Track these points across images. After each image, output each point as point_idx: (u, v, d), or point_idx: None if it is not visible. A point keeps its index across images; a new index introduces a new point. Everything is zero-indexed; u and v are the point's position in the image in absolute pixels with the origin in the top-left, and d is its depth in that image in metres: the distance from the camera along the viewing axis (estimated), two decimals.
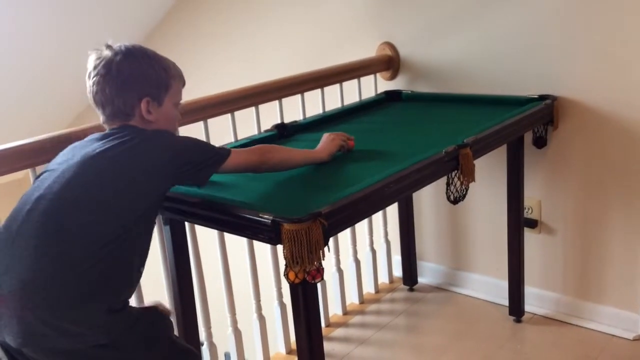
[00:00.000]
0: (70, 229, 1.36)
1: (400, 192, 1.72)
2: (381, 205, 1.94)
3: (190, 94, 2.19)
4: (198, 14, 3.58)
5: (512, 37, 2.40)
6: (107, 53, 1.49)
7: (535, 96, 2.31)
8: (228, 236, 2.13)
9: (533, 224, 2.52)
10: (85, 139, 1.53)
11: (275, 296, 2.42)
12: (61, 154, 1.52)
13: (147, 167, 1.45)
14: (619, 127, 2.23)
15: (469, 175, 1.86)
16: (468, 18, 2.51)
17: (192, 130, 2.15)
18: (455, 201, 1.90)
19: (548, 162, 2.44)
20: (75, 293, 1.33)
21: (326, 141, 1.87)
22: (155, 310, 1.57)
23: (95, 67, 1.49)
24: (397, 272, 2.97)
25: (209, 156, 1.55)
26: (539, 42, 2.34)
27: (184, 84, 1.62)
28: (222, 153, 1.58)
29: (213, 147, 1.61)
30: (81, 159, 1.43)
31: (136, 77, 1.50)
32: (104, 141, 1.47)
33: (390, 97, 2.67)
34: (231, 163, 1.58)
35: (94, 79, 1.49)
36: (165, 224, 1.88)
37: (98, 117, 1.56)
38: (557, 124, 2.33)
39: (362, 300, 2.82)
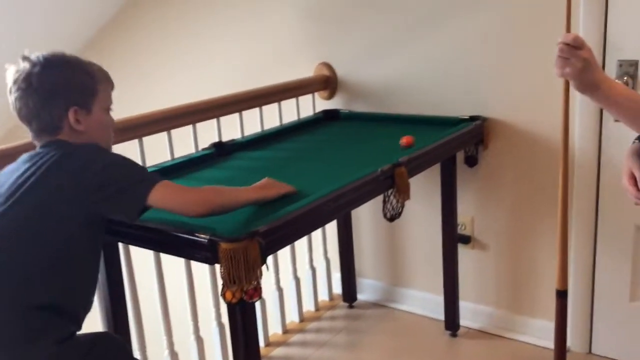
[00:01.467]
0: (7, 268, 1.33)
1: (338, 210, 1.74)
2: (319, 223, 1.96)
3: (125, 111, 2.16)
4: (135, 29, 3.53)
5: (444, 59, 2.49)
6: (24, 65, 1.42)
7: (466, 117, 2.40)
8: (164, 254, 2.09)
9: (466, 240, 2.60)
10: (13, 165, 1.47)
11: (214, 316, 2.39)
12: None
13: (66, 188, 1.37)
14: (545, 147, 2.33)
15: (404, 193, 1.91)
16: (403, 41, 2.58)
17: (128, 149, 2.11)
18: (391, 219, 1.94)
19: (480, 180, 2.52)
20: (20, 333, 1.29)
21: (261, 183, 1.65)
22: (108, 335, 1.52)
23: (15, 82, 1.42)
24: (337, 289, 2.99)
25: (136, 179, 1.41)
26: (470, 65, 2.43)
27: (112, 87, 1.54)
28: (152, 179, 1.42)
29: (143, 170, 1.50)
30: (5, 200, 1.38)
31: (59, 87, 1.43)
32: (28, 170, 1.39)
33: (328, 117, 2.71)
34: (159, 195, 1.40)
35: (15, 94, 1.42)
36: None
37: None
38: (487, 143, 2.42)
39: (302, 318, 2.82)
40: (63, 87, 1.44)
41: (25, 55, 1.44)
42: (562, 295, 1.85)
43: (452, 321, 2.60)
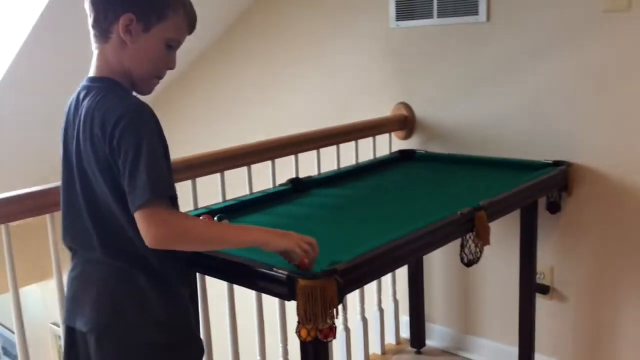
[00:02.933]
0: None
1: (415, 252, 1.71)
2: (396, 265, 1.92)
3: (208, 145, 2.23)
4: (220, 65, 3.65)
5: (527, 101, 2.44)
6: None
7: (550, 161, 2.33)
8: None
9: (545, 289, 2.48)
10: (72, 99, 1.39)
11: (281, 353, 2.37)
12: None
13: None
14: (634, 196, 2.23)
15: (484, 238, 1.86)
16: (483, 82, 2.55)
17: (208, 183, 2.17)
18: (469, 264, 1.88)
19: (562, 228, 2.42)
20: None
21: (290, 236, 1.42)
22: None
23: None
24: (405, 333, 2.92)
25: (142, 187, 1.23)
26: (554, 108, 2.37)
27: (189, 27, 1.38)
28: (155, 192, 1.23)
29: (160, 183, 1.25)
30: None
31: None
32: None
33: (404, 156, 2.69)
34: (143, 216, 1.24)
35: None
36: None
37: None
38: (571, 190, 2.33)
39: None
40: None
41: None
42: None
43: None
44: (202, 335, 2.00)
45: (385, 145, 2.77)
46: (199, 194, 2.12)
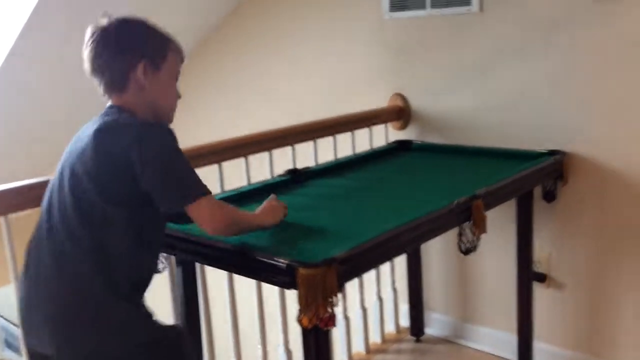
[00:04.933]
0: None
1: (413, 241, 1.73)
2: (394, 254, 1.94)
3: (205, 137, 2.24)
4: (217, 58, 3.65)
5: (522, 91, 2.45)
6: (104, 21, 1.47)
7: (545, 151, 2.34)
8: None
9: (542, 277, 2.51)
10: (86, 126, 1.49)
11: (282, 341, 2.40)
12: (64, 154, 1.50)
13: (118, 160, 1.39)
14: (630, 185, 2.25)
15: (480, 227, 1.88)
16: (479, 72, 2.57)
17: (207, 173, 2.18)
18: (466, 252, 1.90)
19: (558, 216, 2.45)
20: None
21: (269, 208, 1.68)
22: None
23: (92, 34, 1.46)
24: (404, 321, 2.94)
25: (189, 180, 1.43)
26: (550, 98, 2.39)
27: (182, 59, 1.56)
28: (201, 188, 1.44)
29: (196, 176, 1.46)
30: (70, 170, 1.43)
31: (134, 42, 1.47)
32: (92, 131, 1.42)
33: (401, 147, 2.71)
34: (194, 210, 1.43)
35: (91, 45, 1.46)
36: (177, 265, 1.88)
37: None
38: (567, 179, 2.35)
39: (369, 349, 2.79)
40: (137, 42, 1.48)
41: (104, 13, 1.48)
42: None
43: None
44: (202, 325, 2.02)
45: (382, 136, 2.78)
46: None
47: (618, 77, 2.21)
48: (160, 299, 1.67)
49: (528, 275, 2.43)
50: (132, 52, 1.46)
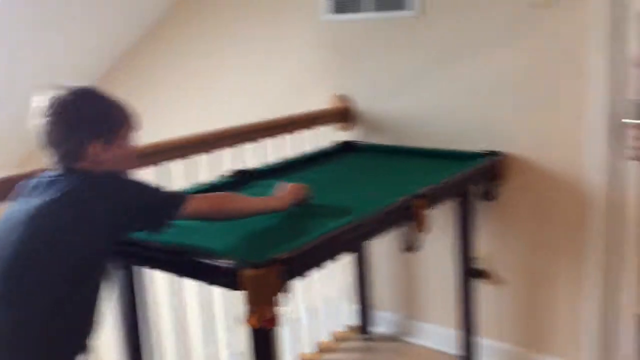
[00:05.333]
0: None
1: (357, 240, 1.76)
2: (339, 253, 1.96)
3: (146, 138, 2.21)
4: (154, 61, 3.62)
5: (463, 94, 2.52)
6: (62, 93, 1.50)
7: (484, 152, 2.42)
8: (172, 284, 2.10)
9: (482, 274, 2.58)
10: (32, 183, 1.54)
11: (226, 344, 2.39)
12: (8, 207, 1.53)
13: (89, 217, 1.45)
14: (562, 184, 2.34)
15: (422, 225, 1.92)
16: (420, 75, 2.62)
17: (144, 175, 2.15)
18: (409, 250, 1.94)
19: (497, 214, 2.52)
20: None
21: (284, 191, 1.85)
22: None
23: (51, 106, 1.48)
24: (353, 320, 2.97)
25: (161, 205, 1.55)
26: (490, 101, 2.46)
27: (137, 127, 1.63)
28: (176, 201, 1.56)
29: (166, 194, 1.59)
30: (25, 218, 1.45)
31: (91, 118, 1.52)
32: (48, 192, 1.47)
33: (346, 148, 2.74)
34: (188, 210, 1.56)
35: (48, 118, 1.48)
36: (118, 269, 1.84)
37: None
38: (505, 178, 2.43)
39: (318, 349, 2.80)
40: (94, 118, 1.53)
41: (61, 84, 1.52)
42: None
43: (466, 357, 2.57)
44: (144, 329, 1.99)
45: (326, 137, 2.80)
46: None
47: (550, 81, 2.30)
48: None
49: (467, 272, 2.50)
50: (89, 130, 1.51)
